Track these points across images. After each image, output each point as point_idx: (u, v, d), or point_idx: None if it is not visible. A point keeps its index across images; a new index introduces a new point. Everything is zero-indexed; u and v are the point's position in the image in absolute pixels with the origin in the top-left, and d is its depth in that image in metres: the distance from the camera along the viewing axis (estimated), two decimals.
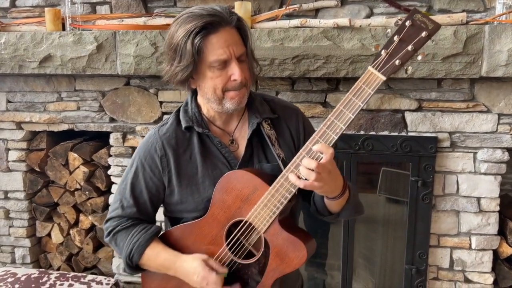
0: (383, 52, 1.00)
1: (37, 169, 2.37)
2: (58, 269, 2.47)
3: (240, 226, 1.16)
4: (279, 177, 1.10)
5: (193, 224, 1.22)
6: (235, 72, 1.13)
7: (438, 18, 1.77)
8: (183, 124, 1.23)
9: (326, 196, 1.14)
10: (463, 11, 1.85)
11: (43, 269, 2.37)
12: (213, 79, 1.14)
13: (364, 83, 1.02)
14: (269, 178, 1.14)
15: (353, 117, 1.04)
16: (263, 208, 1.12)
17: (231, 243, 1.19)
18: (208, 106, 1.23)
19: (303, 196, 1.28)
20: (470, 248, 1.97)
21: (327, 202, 1.17)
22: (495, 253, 1.98)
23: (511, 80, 1.80)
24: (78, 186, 2.32)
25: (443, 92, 1.88)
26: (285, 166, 1.11)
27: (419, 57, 1.01)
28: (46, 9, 2.09)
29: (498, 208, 1.93)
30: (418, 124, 1.93)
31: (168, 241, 1.25)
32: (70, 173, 2.33)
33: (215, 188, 1.18)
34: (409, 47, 0.98)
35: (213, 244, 1.20)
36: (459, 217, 1.97)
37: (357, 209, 1.22)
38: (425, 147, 1.91)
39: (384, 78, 1.00)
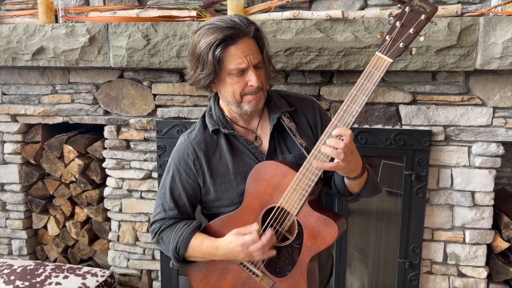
0: (387, 38, 1.11)
1: (33, 162, 2.38)
2: (55, 260, 2.49)
3: (274, 211, 1.26)
4: (304, 163, 1.20)
5: (231, 216, 1.32)
6: (252, 79, 1.24)
7: None
8: (210, 128, 1.34)
9: (347, 177, 1.23)
10: (458, 2, 1.82)
11: (39, 261, 2.39)
12: (232, 85, 1.25)
13: (374, 67, 1.13)
14: (294, 166, 1.25)
15: (366, 99, 1.13)
16: (293, 192, 1.22)
17: (267, 228, 1.27)
18: (228, 108, 1.35)
19: (324, 180, 1.37)
20: (464, 242, 1.96)
21: (348, 183, 1.26)
22: (489, 247, 1.97)
23: (507, 73, 1.78)
24: (73, 179, 2.33)
25: (438, 85, 1.86)
26: (308, 153, 1.21)
27: (421, 38, 1.12)
28: (38, 0, 2.08)
29: (492, 203, 1.91)
30: (412, 117, 1.91)
31: (209, 234, 1.35)
32: (65, 165, 2.33)
33: (248, 180, 1.29)
34: (411, 30, 1.10)
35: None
36: (453, 211, 1.96)
37: (375, 188, 1.32)
38: (419, 140, 1.89)
39: (391, 60, 1.11)
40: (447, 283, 2.01)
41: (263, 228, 1.27)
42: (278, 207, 1.25)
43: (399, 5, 1.85)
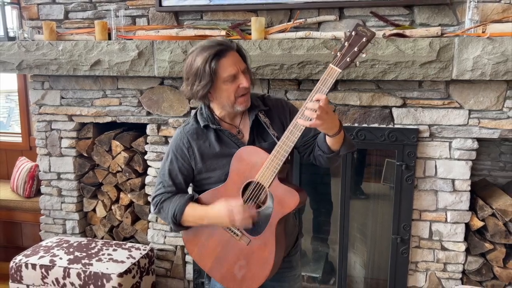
0: (338, 53, 1.42)
1: (85, 155, 2.82)
2: (102, 238, 2.92)
3: (252, 185, 1.56)
4: (276, 146, 1.50)
5: (218, 189, 1.63)
6: (243, 82, 1.54)
7: (418, 31, 2.16)
8: (201, 123, 1.64)
9: (327, 134, 1.49)
10: (439, 25, 2.22)
11: (90, 238, 2.84)
12: (227, 91, 1.55)
13: (328, 75, 1.43)
14: (268, 151, 1.54)
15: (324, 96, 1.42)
16: (267, 170, 1.52)
17: (246, 198, 1.57)
18: (221, 110, 1.64)
19: (309, 151, 1.67)
20: (446, 221, 2.35)
21: (329, 141, 1.52)
22: (468, 226, 2.36)
23: (479, 82, 2.17)
24: (119, 169, 2.76)
25: (424, 91, 2.27)
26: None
27: (364, 55, 1.41)
28: (95, 21, 2.53)
29: (469, 188, 2.30)
30: (403, 118, 2.31)
31: (201, 203, 1.67)
32: (113, 158, 2.77)
33: (232, 160, 1.58)
34: (355, 49, 1.39)
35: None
36: (437, 195, 2.35)
37: (351, 144, 1.60)
38: (408, 137, 2.30)
39: (340, 70, 1.41)
40: (432, 256, 2.40)
41: (243, 198, 1.56)
42: (255, 182, 1.54)
43: (391, 27, 2.27)
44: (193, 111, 2.56)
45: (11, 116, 5.75)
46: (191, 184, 1.74)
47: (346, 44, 1.41)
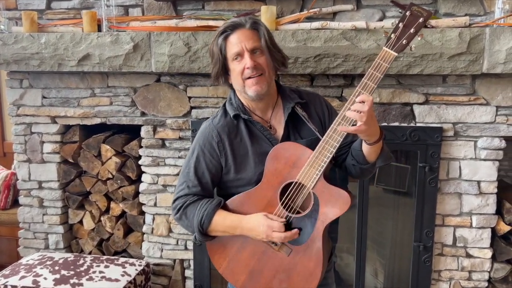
0: (392, 35, 1.31)
1: (71, 160, 2.54)
2: (90, 253, 2.64)
3: (292, 186, 1.38)
4: (320, 142, 1.35)
5: (250, 192, 1.44)
6: (246, 61, 1.39)
7: (445, 21, 1.99)
8: (231, 113, 1.48)
9: (366, 142, 1.35)
10: (466, 15, 2.07)
11: (77, 253, 2.55)
12: (235, 71, 1.42)
13: (382, 59, 1.31)
14: (309, 147, 1.39)
15: (375, 86, 1.30)
16: (310, 168, 1.35)
17: (285, 202, 1.40)
18: (243, 97, 1.50)
19: (342, 159, 1.52)
20: (471, 226, 2.20)
21: (367, 150, 1.38)
22: (493, 231, 2.21)
23: (508, 76, 2.03)
24: (110, 176, 2.50)
25: (448, 87, 2.11)
26: (321, 137, 1.37)
27: (419, 38, 1.30)
28: (83, 11, 2.26)
29: (496, 190, 2.16)
30: (425, 116, 2.15)
31: (230, 210, 1.46)
32: (102, 163, 2.50)
33: (267, 159, 1.41)
34: (412, 30, 1.28)
35: (269, 205, 1.42)
36: (461, 198, 2.19)
37: (389, 156, 1.44)
38: (432, 136, 2.13)
39: (396, 54, 1.30)
40: (456, 264, 2.25)
41: (281, 202, 1.39)
42: (296, 182, 1.37)
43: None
44: (194, 111, 2.32)
45: None
46: None
47: (400, 25, 1.30)
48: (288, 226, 1.42)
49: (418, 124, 2.16)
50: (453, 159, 2.17)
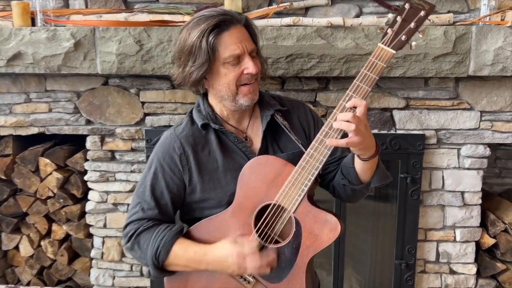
0: (389, 31, 1.12)
1: (3, 177, 2.18)
2: (28, 283, 2.29)
3: (269, 209, 1.17)
4: (304, 156, 1.14)
5: (219, 217, 1.22)
6: (248, 66, 1.18)
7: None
8: (199, 122, 1.26)
9: (360, 158, 1.15)
10: (449, 12, 1.91)
11: (12, 285, 2.19)
12: (227, 75, 1.19)
13: (377, 58, 1.11)
14: (290, 161, 1.18)
15: (370, 89, 1.12)
16: (291, 187, 1.14)
17: (260, 229, 1.18)
18: (221, 106, 1.28)
19: (330, 178, 1.32)
20: (454, 240, 2.05)
21: (360, 167, 1.18)
22: (477, 244, 2.07)
23: (493, 79, 1.89)
24: (51, 194, 2.16)
25: (430, 90, 1.94)
26: (305, 149, 1.16)
27: (420, 35, 1.13)
28: (13, 2, 1.91)
29: (480, 201, 2.02)
30: (406, 122, 1.97)
31: (194, 238, 1.23)
32: (42, 180, 2.16)
33: (240, 176, 1.19)
34: (412, 25, 1.11)
35: (241, 233, 1.19)
36: (444, 211, 2.04)
37: (385, 174, 1.25)
38: (413, 144, 1.95)
39: (394, 52, 1.11)
40: (439, 281, 2.09)
41: (256, 229, 1.18)
42: (274, 204, 1.16)
43: (391, 12, 1.91)
44: (148, 118, 2.03)
45: None
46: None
47: (398, 19, 1.12)
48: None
49: (398, 131, 1.98)
50: (436, 169, 2.00)
